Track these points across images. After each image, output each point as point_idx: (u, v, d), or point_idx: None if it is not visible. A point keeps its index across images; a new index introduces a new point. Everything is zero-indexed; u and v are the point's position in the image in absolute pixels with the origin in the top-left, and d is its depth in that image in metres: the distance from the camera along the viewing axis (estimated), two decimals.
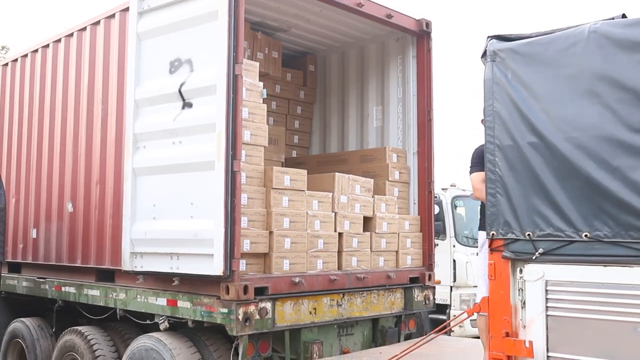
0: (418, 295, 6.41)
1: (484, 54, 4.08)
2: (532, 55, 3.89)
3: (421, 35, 6.98)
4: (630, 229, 3.43)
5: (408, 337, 6.70)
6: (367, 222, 6.54)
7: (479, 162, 4.72)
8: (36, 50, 7.69)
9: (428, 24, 6.92)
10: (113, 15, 6.41)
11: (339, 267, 6.16)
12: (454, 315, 9.32)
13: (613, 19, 3.70)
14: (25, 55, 7.91)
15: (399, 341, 6.49)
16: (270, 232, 5.58)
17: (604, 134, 3.55)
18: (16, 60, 8.11)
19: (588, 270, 3.60)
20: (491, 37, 4.09)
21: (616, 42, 3.56)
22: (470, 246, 10.10)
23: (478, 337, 8.09)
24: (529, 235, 3.78)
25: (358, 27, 7.26)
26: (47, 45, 7.50)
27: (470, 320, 8.31)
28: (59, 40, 7.31)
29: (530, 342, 3.74)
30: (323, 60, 8.29)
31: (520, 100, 3.87)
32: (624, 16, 3.71)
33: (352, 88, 7.87)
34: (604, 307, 3.54)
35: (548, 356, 3.72)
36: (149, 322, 5.86)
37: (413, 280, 6.53)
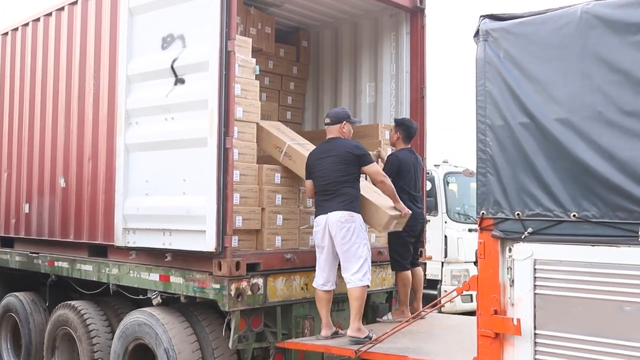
0: None
1: (477, 34, 4.08)
2: (524, 35, 3.89)
3: (415, 11, 6.93)
4: (618, 210, 3.47)
5: None
6: None
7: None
8: (27, 24, 7.61)
9: (422, 1, 6.88)
10: None
11: None
12: (445, 291, 9.41)
13: None
14: (16, 29, 7.83)
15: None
16: (263, 209, 5.60)
17: (594, 115, 3.57)
18: (6, 33, 8.04)
19: (576, 249, 3.65)
20: (484, 16, 4.08)
21: (608, 23, 3.56)
22: (462, 222, 10.18)
23: (468, 314, 8.20)
24: (518, 214, 3.82)
25: (351, 2, 7.20)
26: (38, 19, 7.42)
27: (461, 296, 8.40)
28: (49, 14, 7.23)
29: (518, 320, 3.80)
30: (316, 36, 8.23)
31: (512, 80, 3.87)
32: None
33: (345, 64, 7.83)
34: (591, 286, 3.59)
35: (535, 333, 3.78)
36: (141, 297, 5.90)
37: None
